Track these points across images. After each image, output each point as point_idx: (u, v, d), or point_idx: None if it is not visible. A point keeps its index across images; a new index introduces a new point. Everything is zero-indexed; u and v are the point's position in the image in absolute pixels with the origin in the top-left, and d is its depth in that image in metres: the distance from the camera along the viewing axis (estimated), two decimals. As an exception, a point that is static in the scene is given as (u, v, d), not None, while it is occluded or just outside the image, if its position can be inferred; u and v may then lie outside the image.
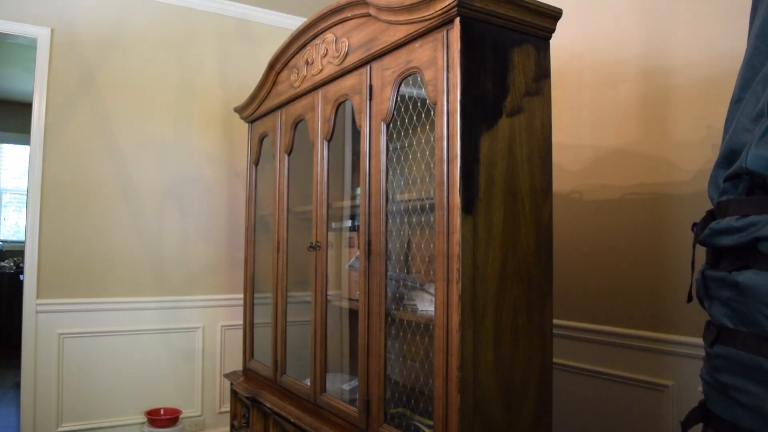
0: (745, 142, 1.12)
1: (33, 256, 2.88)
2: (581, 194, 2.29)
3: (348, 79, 1.97)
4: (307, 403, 2.16)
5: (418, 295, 1.83)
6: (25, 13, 2.91)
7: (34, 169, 2.90)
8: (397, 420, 1.76)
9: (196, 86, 3.31)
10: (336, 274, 2.43)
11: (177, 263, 3.22)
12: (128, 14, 3.15)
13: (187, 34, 3.29)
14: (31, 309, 2.86)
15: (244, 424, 2.62)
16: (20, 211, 6.00)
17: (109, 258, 3.05)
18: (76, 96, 3.01)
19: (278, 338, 2.45)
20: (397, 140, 1.81)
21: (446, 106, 1.47)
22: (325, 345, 2.13)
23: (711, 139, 1.68)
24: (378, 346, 1.73)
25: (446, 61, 1.48)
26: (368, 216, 1.80)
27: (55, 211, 2.94)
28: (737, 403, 1.09)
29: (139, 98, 3.16)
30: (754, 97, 1.15)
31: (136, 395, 3.07)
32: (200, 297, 3.26)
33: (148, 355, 3.11)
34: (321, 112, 2.15)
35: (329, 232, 2.19)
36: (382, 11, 1.73)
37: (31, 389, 2.84)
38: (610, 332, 2.18)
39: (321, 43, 2.13)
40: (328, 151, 2.15)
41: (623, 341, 2.11)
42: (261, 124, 2.76)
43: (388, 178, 1.76)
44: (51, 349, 2.89)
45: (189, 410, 3.19)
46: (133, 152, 3.14)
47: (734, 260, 1.11)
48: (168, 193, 3.22)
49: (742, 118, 1.17)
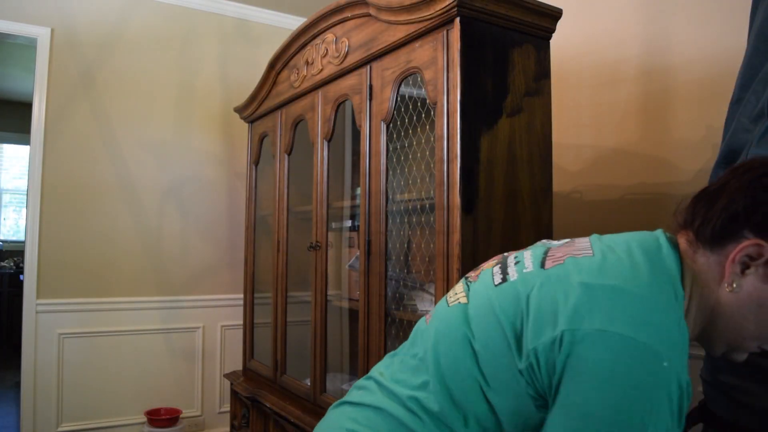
0: (745, 142, 1.12)
1: (33, 256, 2.88)
2: (581, 194, 2.28)
3: (348, 79, 1.97)
4: (307, 403, 2.16)
5: (418, 295, 1.82)
6: (25, 13, 2.91)
7: (34, 169, 2.90)
8: (397, 420, 1.76)
9: (196, 86, 3.31)
10: (336, 274, 2.43)
11: (177, 263, 3.21)
12: (128, 14, 3.15)
13: (187, 34, 3.29)
14: (31, 309, 2.86)
15: (244, 424, 2.62)
16: (20, 211, 5.99)
17: (109, 258, 3.05)
18: (76, 96, 3.01)
19: (278, 338, 2.45)
20: (397, 140, 1.81)
21: (446, 106, 1.47)
22: (325, 345, 2.13)
23: (711, 139, 1.68)
24: (378, 346, 1.73)
25: (446, 61, 1.48)
26: (368, 216, 1.80)
27: (55, 211, 2.94)
28: (737, 403, 1.09)
29: (139, 98, 3.16)
30: (754, 97, 1.15)
31: (136, 395, 3.07)
32: (200, 297, 3.26)
33: (148, 355, 3.11)
34: (321, 112, 2.15)
35: (329, 232, 2.19)
36: (382, 11, 1.73)
37: (31, 389, 2.84)
38: (610, 332, 2.17)
39: (321, 43, 2.13)
40: (328, 151, 2.15)
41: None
42: (261, 124, 2.76)
43: (388, 178, 1.76)
44: (51, 349, 2.89)
45: (189, 410, 3.19)
46: (133, 152, 3.14)
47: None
48: (168, 193, 3.22)
49: (742, 118, 1.17)
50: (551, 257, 0.85)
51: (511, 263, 0.89)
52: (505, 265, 0.90)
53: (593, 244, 0.85)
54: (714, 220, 0.82)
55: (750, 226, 0.79)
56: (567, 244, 0.89)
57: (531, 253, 0.89)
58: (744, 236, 0.79)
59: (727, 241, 0.81)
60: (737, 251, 0.79)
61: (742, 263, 0.79)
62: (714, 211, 0.82)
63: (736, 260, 0.79)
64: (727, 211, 0.81)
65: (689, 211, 0.87)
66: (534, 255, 0.87)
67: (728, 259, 0.80)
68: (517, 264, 0.87)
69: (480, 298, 0.86)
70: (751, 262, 0.79)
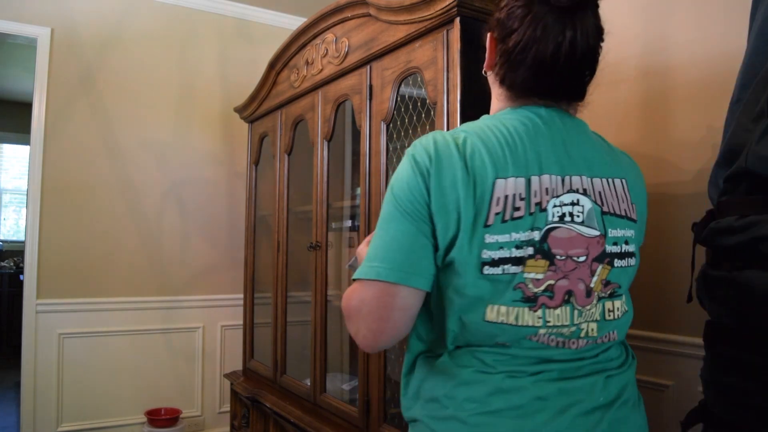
0: (745, 142, 1.12)
1: (33, 256, 2.88)
2: (581, 194, 2.28)
3: (348, 79, 1.97)
4: (307, 403, 2.16)
5: (418, 295, 1.82)
6: (25, 13, 2.91)
7: (34, 169, 2.90)
8: (397, 420, 1.76)
9: (196, 86, 3.31)
10: (336, 274, 2.43)
11: (177, 263, 3.22)
12: (128, 14, 3.15)
13: (187, 34, 3.29)
14: (31, 309, 2.86)
15: (244, 424, 2.62)
16: (20, 211, 5.99)
17: (109, 258, 3.05)
18: (76, 96, 3.01)
19: (278, 338, 2.44)
20: (397, 140, 1.81)
21: (446, 106, 1.47)
22: (325, 345, 2.13)
23: (711, 139, 1.68)
24: (378, 346, 1.73)
25: (446, 61, 1.48)
26: (368, 216, 1.80)
27: (55, 211, 2.94)
28: (737, 403, 1.09)
29: (139, 98, 3.16)
30: (754, 97, 1.15)
31: (136, 395, 3.07)
32: (200, 297, 3.26)
33: (148, 355, 3.11)
34: (321, 112, 2.15)
35: (329, 232, 2.19)
36: (382, 11, 1.73)
37: (31, 389, 2.84)
38: (610, 332, 2.17)
39: (321, 43, 2.13)
40: (328, 151, 2.15)
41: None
42: (261, 124, 2.76)
43: (388, 178, 1.76)
44: (51, 349, 2.89)
45: (189, 410, 3.19)
46: (133, 152, 3.14)
47: (734, 260, 1.11)
48: (168, 193, 3.22)
49: (742, 118, 1.17)
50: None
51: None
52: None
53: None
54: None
55: None
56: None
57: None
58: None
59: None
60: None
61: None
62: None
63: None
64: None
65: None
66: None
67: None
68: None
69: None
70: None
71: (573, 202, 0.84)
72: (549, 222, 0.82)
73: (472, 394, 0.83)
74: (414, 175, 0.82)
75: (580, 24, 0.84)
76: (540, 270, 0.81)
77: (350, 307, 0.86)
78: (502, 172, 0.81)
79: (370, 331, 0.83)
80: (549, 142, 0.87)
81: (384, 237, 0.83)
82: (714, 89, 1.67)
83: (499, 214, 0.80)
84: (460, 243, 0.80)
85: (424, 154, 0.83)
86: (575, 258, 0.83)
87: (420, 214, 0.81)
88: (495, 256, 0.80)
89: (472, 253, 0.80)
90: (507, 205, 0.80)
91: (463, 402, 0.83)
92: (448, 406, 0.83)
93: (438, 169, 0.81)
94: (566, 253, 0.83)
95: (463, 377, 0.84)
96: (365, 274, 0.83)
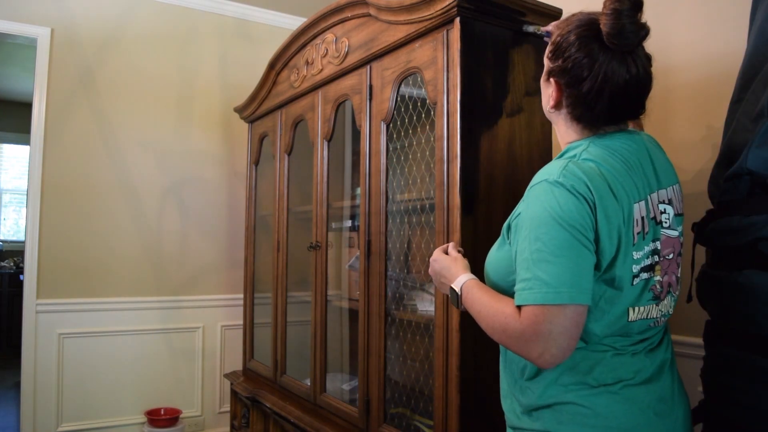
0: (745, 142, 1.12)
1: (33, 256, 2.88)
2: (581, 194, 2.28)
3: (348, 79, 1.97)
4: (307, 403, 2.16)
5: (418, 295, 1.83)
6: (25, 13, 2.91)
7: (34, 169, 2.90)
8: (397, 420, 1.76)
9: (196, 86, 3.31)
10: (336, 274, 2.43)
11: (177, 263, 3.21)
12: (128, 14, 3.15)
13: (187, 34, 3.29)
14: (31, 309, 2.86)
15: (244, 424, 2.62)
16: (20, 211, 5.99)
17: (109, 258, 3.05)
18: (76, 96, 3.01)
19: (278, 338, 2.45)
20: (397, 140, 1.81)
21: (446, 106, 1.47)
22: (325, 345, 2.13)
23: (711, 139, 1.68)
24: (378, 346, 1.73)
25: (446, 61, 1.48)
26: (368, 216, 1.80)
27: (55, 211, 2.94)
28: (737, 403, 1.09)
29: (139, 98, 3.16)
30: (754, 97, 1.15)
31: (136, 395, 3.07)
32: (200, 297, 3.26)
33: (148, 355, 3.11)
34: (321, 112, 2.15)
35: (329, 232, 2.19)
36: (382, 11, 1.73)
37: (31, 389, 2.84)
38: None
39: (321, 43, 2.13)
40: (328, 151, 2.15)
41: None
42: (261, 124, 2.76)
43: (388, 178, 1.76)
44: (51, 349, 2.89)
45: (189, 410, 3.19)
46: (133, 152, 3.14)
47: (734, 260, 1.11)
48: (168, 193, 3.22)
49: (742, 118, 1.17)
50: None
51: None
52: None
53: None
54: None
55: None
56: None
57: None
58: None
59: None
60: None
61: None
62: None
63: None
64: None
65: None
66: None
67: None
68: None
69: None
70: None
71: (663, 210, 1.03)
72: (661, 232, 1.01)
73: (614, 374, 0.98)
74: (582, 205, 0.93)
75: (638, 59, 1.00)
76: (660, 272, 1.01)
77: (540, 332, 0.91)
78: (634, 196, 0.98)
79: (560, 350, 0.91)
80: (648, 162, 1.04)
81: (567, 264, 0.92)
82: (714, 89, 1.67)
83: (639, 233, 0.97)
84: (620, 262, 0.95)
85: (582, 185, 0.93)
86: (667, 257, 1.02)
87: (589, 239, 0.93)
88: (638, 268, 0.97)
89: (626, 269, 0.96)
90: (642, 225, 0.98)
91: (607, 379, 0.98)
92: (596, 384, 0.97)
93: (599, 198, 0.93)
94: (666, 254, 1.02)
95: (605, 361, 0.98)
96: (559, 299, 0.90)
